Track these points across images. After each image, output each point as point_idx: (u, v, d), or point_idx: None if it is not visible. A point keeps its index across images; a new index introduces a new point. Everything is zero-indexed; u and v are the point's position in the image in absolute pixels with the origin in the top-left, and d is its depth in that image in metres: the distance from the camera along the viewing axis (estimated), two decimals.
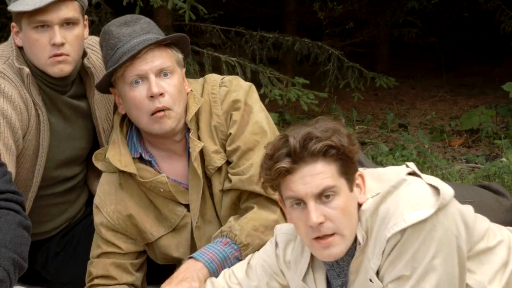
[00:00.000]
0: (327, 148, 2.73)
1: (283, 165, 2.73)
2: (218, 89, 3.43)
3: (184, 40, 3.38)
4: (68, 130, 3.61)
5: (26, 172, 3.53)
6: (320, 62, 8.56)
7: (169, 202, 3.41)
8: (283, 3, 10.57)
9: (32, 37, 3.41)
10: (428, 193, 2.78)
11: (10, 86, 3.39)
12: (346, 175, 2.79)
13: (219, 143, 3.39)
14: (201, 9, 6.47)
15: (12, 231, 2.93)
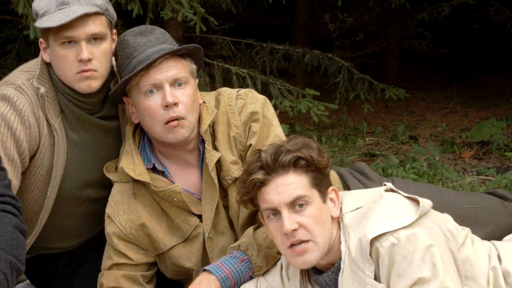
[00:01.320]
0: (296, 159, 2.96)
1: (257, 177, 2.96)
2: (235, 101, 3.46)
3: (198, 51, 3.39)
4: (96, 151, 3.59)
5: (39, 192, 3.52)
6: (330, 74, 8.58)
7: (182, 212, 3.41)
8: (293, 15, 10.59)
9: (59, 53, 3.38)
10: (407, 205, 2.98)
11: (24, 101, 3.38)
12: (318, 187, 3.00)
13: (237, 153, 3.40)
14: (212, 20, 6.48)
15: (9, 233, 2.92)
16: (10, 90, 3.38)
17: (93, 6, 3.35)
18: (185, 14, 5.83)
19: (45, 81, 3.45)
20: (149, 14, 6.00)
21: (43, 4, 3.38)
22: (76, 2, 3.34)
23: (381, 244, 2.88)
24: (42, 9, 3.37)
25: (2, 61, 7.27)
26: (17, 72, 3.53)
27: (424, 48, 10.91)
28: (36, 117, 3.40)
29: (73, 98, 3.47)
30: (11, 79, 3.46)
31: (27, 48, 7.38)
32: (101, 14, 3.39)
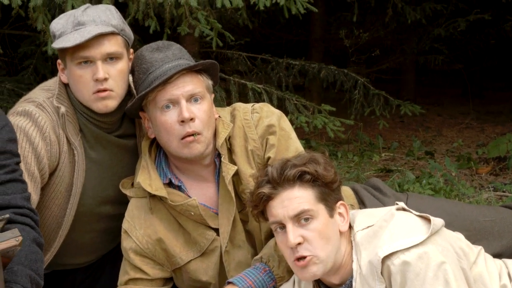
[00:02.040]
0: (302, 173, 3.00)
1: (264, 190, 3.01)
2: (250, 115, 3.48)
3: (214, 67, 3.41)
4: (114, 169, 3.61)
5: (58, 209, 3.54)
6: (346, 89, 8.58)
7: (199, 226, 3.42)
8: (309, 30, 10.60)
9: (76, 73, 3.40)
10: (419, 223, 2.99)
11: (46, 117, 3.41)
12: (324, 201, 3.02)
13: (256, 167, 3.42)
14: (228, 36, 6.50)
15: (27, 247, 2.94)
16: (31, 107, 3.41)
17: (108, 26, 3.38)
18: (202, 30, 5.85)
19: (64, 100, 3.48)
20: (166, 30, 6.02)
21: (60, 25, 3.42)
22: (92, 22, 3.37)
23: (392, 262, 2.88)
24: (59, 30, 3.41)
25: (20, 76, 7.32)
26: (37, 90, 3.56)
27: (440, 63, 10.92)
28: (56, 134, 3.43)
29: (91, 118, 3.49)
30: (32, 97, 3.49)
31: (45, 63, 7.42)
32: (116, 34, 3.41)
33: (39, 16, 5.14)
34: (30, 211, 3.05)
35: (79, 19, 3.37)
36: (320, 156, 3.11)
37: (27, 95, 3.55)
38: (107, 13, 3.43)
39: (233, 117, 3.48)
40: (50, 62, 7.35)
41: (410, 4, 9.74)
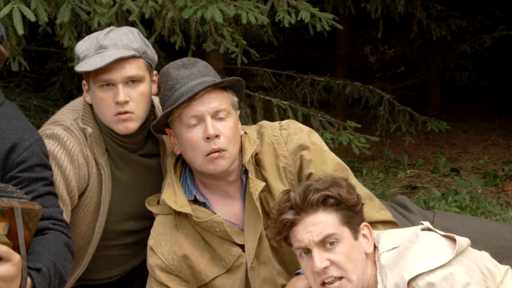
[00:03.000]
0: (325, 197, 2.98)
1: (287, 217, 2.99)
2: (279, 132, 3.50)
3: (239, 84, 3.43)
4: (138, 187, 3.64)
5: (87, 228, 3.59)
6: (371, 106, 8.56)
7: (224, 242, 3.42)
8: (334, 47, 10.61)
9: (98, 96, 3.45)
10: (444, 243, 2.96)
11: (73, 141, 3.46)
12: (349, 224, 3.00)
13: (288, 183, 3.42)
14: (253, 53, 6.51)
15: (59, 247, 3.02)
16: (59, 129, 3.46)
17: (129, 50, 3.42)
18: (227, 46, 5.86)
19: (89, 121, 3.53)
20: (191, 47, 6.04)
21: (84, 48, 3.48)
22: (114, 46, 3.42)
23: (417, 284, 2.87)
24: (82, 53, 3.47)
25: (47, 92, 7.37)
26: (64, 110, 3.62)
27: (466, 80, 10.87)
28: (84, 157, 3.48)
29: (115, 138, 3.54)
30: (59, 119, 3.54)
31: (71, 80, 7.47)
32: (138, 57, 3.45)
33: (66, 33, 5.18)
34: (65, 224, 3.15)
35: (101, 43, 3.43)
36: (341, 179, 3.10)
37: (54, 117, 3.60)
38: (129, 36, 3.47)
39: (260, 134, 3.50)
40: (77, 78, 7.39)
41: (436, 20, 9.73)
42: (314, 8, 6.22)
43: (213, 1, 5.41)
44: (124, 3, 5.14)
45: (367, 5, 8.98)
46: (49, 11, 4.85)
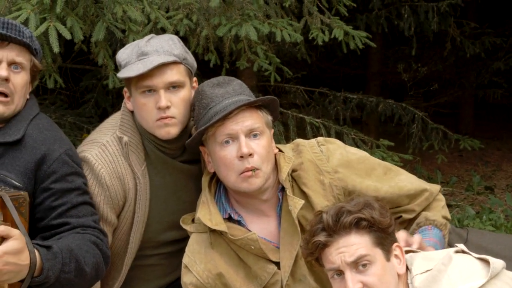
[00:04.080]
0: (358, 220, 2.95)
1: (319, 239, 2.97)
2: (318, 148, 3.51)
3: (274, 103, 3.44)
4: (178, 194, 3.67)
5: (125, 236, 3.63)
6: (404, 123, 8.53)
7: (260, 259, 3.42)
8: (367, 64, 10.60)
9: (140, 102, 3.50)
10: (478, 266, 2.92)
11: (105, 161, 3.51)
12: (381, 245, 2.97)
13: (334, 198, 3.43)
14: (286, 71, 6.53)
15: (83, 241, 3.12)
16: (94, 151, 3.52)
17: (170, 56, 3.46)
18: (261, 64, 5.88)
19: (128, 129, 3.57)
20: (225, 64, 6.07)
21: (125, 55, 3.53)
22: (155, 52, 3.47)
23: None
24: (124, 60, 3.52)
25: (81, 109, 7.43)
26: (102, 125, 3.68)
27: (499, 97, 10.82)
28: (118, 175, 3.52)
29: (156, 144, 3.57)
30: (97, 138, 3.59)
31: (106, 97, 7.53)
32: (179, 63, 3.50)
33: (101, 51, 5.22)
34: (99, 231, 3.21)
35: (142, 49, 3.48)
36: (374, 200, 3.08)
37: (93, 134, 3.66)
38: (170, 43, 3.52)
39: (297, 152, 3.50)
40: (111, 96, 7.46)
41: (469, 37, 9.70)
42: (348, 26, 6.23)
43: (247, 19, 5.44)
44: (159, 21, 5.17)
45: (400, 22, 8.98)
46: (85, 29, 4.90)
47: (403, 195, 3.51)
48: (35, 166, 3.25)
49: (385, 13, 9.07)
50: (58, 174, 3.24)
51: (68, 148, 3.33)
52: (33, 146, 3.28)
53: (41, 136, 3.31)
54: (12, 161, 3.27)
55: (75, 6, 4.82)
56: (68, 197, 3.23)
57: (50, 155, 3.26)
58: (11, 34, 3.27)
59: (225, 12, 5.57)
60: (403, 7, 8.97)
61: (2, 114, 3.29)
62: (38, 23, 4.58)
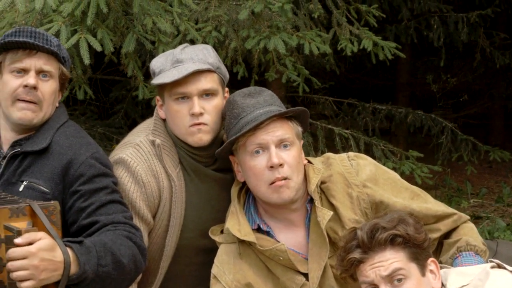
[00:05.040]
0: (393, 237, 2.94)
1: (354, 256, 2.96)
2: (348, 162, 3.51)
3: (304, 114, 3.44)
4: (212, 202, 3.67)
5: (160, 240, 3.64)
6: (433, 134, 8.49)
7: (288, 270, 3.41)
8: (396, 75, 10.57)
9: (173, 108, 3.52)
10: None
11: (140, 159, 3.53)
12: (416, 260, 2.95)
13: (362, 212, 3.42)
14: (315, 81, 6.53)
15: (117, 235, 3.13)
16: (128, 151, 3.54)
17: (205, 64, 3.49)
18: (289, 76, 5.90)
19: (160, 134, 3.59)
20: (253, 76, 6.10)
21: (159, 63, 3.56)
22: (190, 60, 3.50)
23: None
24: (158, 68, 3.55)
25: (111, 120, 7.49)
26: (135, 130, 3.71)
27: None
28: (153, 173, 3.54)
29: (188, 151, 3.58)
30: (130, 139, 3.62)
31: (135, 108, 7.58)
32: (212, 72, 3.52)
33: (130, 62, 5.26)
34: (130, 226, 3.22)
35: (177, 57, 3.51)
36: (407, 215, 3.07)
37: (127, 138, 3.69)
38: (204, 52, 3.56)
39: (327, 164, 3.50)
40: (140, 106, 7.51)
41: (499, 48, 9.65)
42: (377, 36, 6.22)
43: (276, 32, 5.45)
44: (188, 32, 5.21)
45: (429, 33, 8.96)
46: (115, 40, 4.94)
47: (430, 215, 3.48)
48: (62, 171, 3.29)
49: (414, 24, 9.05)
50: (85, 177, 3.27)
51: (94, 152, 3.36)
52: (59, 152, 3.32)
53: (67, 142, 3.36)
54: (40, 168, 3.31)
55: (105, 18, 4.86)
56: (96, 196, 3.26)
57: (76, 159, 3.29)
58: (38, 43, 3.31)
59: (253, 24, 5.59)
60: (432, 17, 8.95)
61: (30, 121, 3.33)
62: (69, 35, 4.62)
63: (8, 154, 3.35)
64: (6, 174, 3.33)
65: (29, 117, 3.32)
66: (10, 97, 3.31)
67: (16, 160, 3.34)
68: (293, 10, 5.89)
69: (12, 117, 3.33)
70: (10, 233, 2.79)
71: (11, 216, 2.82)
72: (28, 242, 2.78)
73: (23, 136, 3.38)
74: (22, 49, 3.31)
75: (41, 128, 3.39)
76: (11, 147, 3.37)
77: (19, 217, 2.84)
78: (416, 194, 3.55)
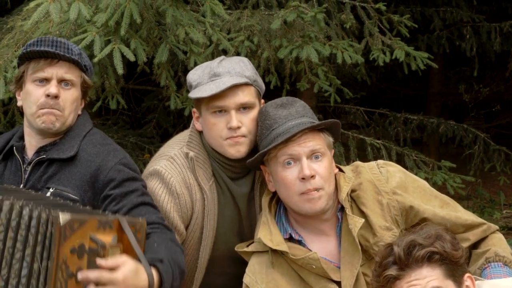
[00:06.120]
0: (431, 254, 2.91)
1: (391, 272, 2.93)
2: (377, 170, 3.51)
3: (336, 126, 3.46)
4: (243, 215, 3.69)
5: (195, 252, 3.66)
6: (466, 145, 8.44)
7: (321, 279, 3.41)
8: (427, 85, 10.52)
9: (210, 121, 3.53)
10: None
11: (174, 171, 3.55)
12: (453, 277, 2.92)
13: (392, 219, 3.42)
14: (347, 92, 6.53)
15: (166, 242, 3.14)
16: (162, 163, 3.56)
17: (242, 77, 3.49)
18: (321, 86, 5.89)
19: (195, 146, 3.60)
20: (285, 86, 6.11)
21: (196, 76, 3.56)
22: (227, 73, 3.50)
23: None
24: (195, 81, 3.55)
25: (143, 130, 7.53)
26: (171, 142, 3.72)
27: None
28: (187, 185, 3.55)
29: (223, 163, 3.59)
30: (165, 151, 3.64)
31: (167, 117, 7.61)
32: (250, 85, 3.52)
33: (163, 72, 5.29)
34: (163, 226, 3.24)
35: (215, 71, 3.51)
36: (444, 231, 3.04)
37: (160, 150, 3.71)
38: (241, 65, 3.55)
39: (357, 173, 3.51)
40: (172, 116, 7.54)
41: None
42: (409, 46, 6.20)
43: (308, 41, 5.45)
44: (221, 42, 5.23)
45: (462, 43, 8.92)
46: (148, 51, 4.97)
47: (459, 224, 3.48)
48: (91, 178, 3.32)
49: (446, 34, 9.01)
50: (115, 181, 3.30)
51: (122, 157, 3.39)
52: (87, 159, 3.36)
53: (95, 150, 3.40)
54: (68, 176, 3.35)
55: (138, 28, 4.89)
56: (127, 199, 3.28)
57: (105, 165, 3.33)
58: (59, 52, 3.35)
59: (286, 34, 5.60)
60: (465, 27, 8.91)
61: (53, 128, 3.37)
62: (102, 45, 4.66)
63: (33, 160, 3.40)
64: (31, 180, 3.38)
65: (52, 124, 3.36)
66: (33, 106, 3.36)
67: (42, 167, 3.38)
68: (325, 21, 5.89)
69: (36, 125, 3.37)
70: (94, 245, 2.79)
71: (99, 227, 2.81)
72: (112, 267, 2.79)
73: (48, 142, 3.43)
74: (44, 59, 3.36)
75: (66, 135, 3.43)
76: (36, 153, 3.42)
77: (106, 230, 2.83)
78: (445, 203, 3.54)
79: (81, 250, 2.77)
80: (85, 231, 2.77)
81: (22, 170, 3.41)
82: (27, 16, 5.34)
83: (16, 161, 3.45)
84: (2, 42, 5.56)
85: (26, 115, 3.43)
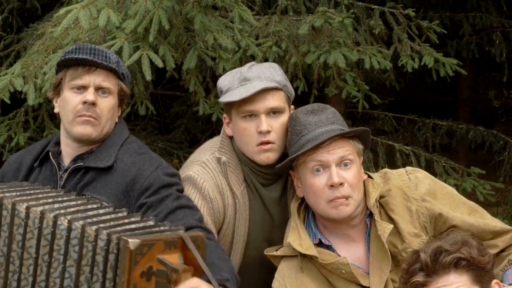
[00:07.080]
0: (457, 260, 2.90)
1: (418, 279, 2.93)
2: (406, 176, 3.51)
3: (366, 134, 3.46)
4: (275, 221, 3.70)
5: None
6: (495, 151, 8.38)
7: (350, 284, 3.42)
8: (456, 90, 10.46)
9: (241, 126, 3.55)
10: None
11: (206, 175, 3.57)
12: (480, 283, 2.91)
13: (421, 226, 3.41)
14: (375, 98, 6.50)
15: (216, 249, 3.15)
16: (194, 168, 3.59)
17: (272, 82, 3.52)
18: (349, 91, 5.88)
19: (226, 152, 3.63)
20: (313, 91, 6.10)
21: (227, 81, 3.60)
22: (257, 78, 3.53)
23: None
24: (226, 86, 3.59)
25: (172, 135, 7.55)
26: (202, 147, 3.76)
27: None
28: (219, 189, 3.58)
29: (254, 169, 3.62)
30: (197, 157, 3.67)
31: (195, 123, 7.63)
32: (279, 90, 3.55)
33: (192, 78, 5.31)
34: (202, 229, 3.22)
35: (245, 75, 3.54)
36: (470, 237, 3.03)
37: (192, 156, 3.74)
38: (271, 70, 3.59)
39: (385, 179, 3.51)
40: (201, 122, 7.55)
41: None
42: (438, 52, 6.17)
43: (336, 47, 5.44)
44: (249, 48, 5.23)
45: (491, 48, 8.85)
46: (176, 57, 4.98)
47: (488, 231, 3.47)
48: (126, 187, 3.33)
49: (475, 39, 8.95)
50: (151, 190, 3.31)
51: (158, 165, 3.40)
52: (124, 169, 3.37)
53: (131, 159, 3.40)
54: (103, 184, 3.36)
55: (167, 34, 4.91)
56: (163, 205, 3.28)
57: (141, 174, 3.34)
58: (97, 60, 3.36)
59: (314, 39, 5.59)
60: (494, 33, 8.85)
61: (90, 136, 3.38)
62: (131, 52, 4.68)
63: (70, 167, 3.41)
64: (67, 187, 3.39)
65: (89, 132, 3.37)
66: (70, 114, 3.37)
67: (78, 174, 3.40)
68: (354, 26, 5.88)
69: (73, 132, 3.38)
70: (162, 267, 2.74)
71: (165, 248, 2.77)
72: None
73: (85, 150, 3.44)
74: (81, 66, 3.37)
75: (103, 143, 3.45)
76: (73, 160, 3.43)
77: (171, 249, 2.79)
78: (473, 210, 3.54)
79: (149, 272, 2.73)
80: (152, 253, 2.73)
81: (58, 176, 3.43)
82: (57, 22, 5.37)
83: (51, 167, 3.47)
84: (33, 48, 5.61)
85: (63, 123, 3.44)
